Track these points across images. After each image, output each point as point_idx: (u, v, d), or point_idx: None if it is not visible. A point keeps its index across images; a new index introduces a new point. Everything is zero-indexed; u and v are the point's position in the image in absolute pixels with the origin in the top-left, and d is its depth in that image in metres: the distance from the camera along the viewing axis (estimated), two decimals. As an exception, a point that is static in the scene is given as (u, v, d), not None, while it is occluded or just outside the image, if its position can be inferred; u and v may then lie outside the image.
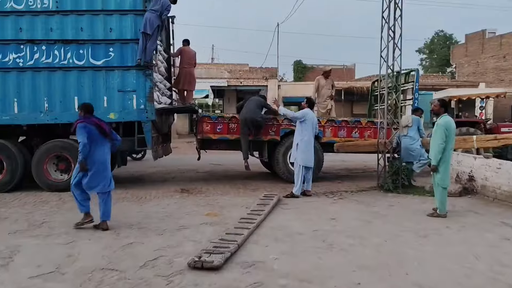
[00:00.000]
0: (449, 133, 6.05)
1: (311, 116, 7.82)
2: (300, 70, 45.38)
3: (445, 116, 6.21)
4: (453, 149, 6.23)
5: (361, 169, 12.26)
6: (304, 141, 7.72)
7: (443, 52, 46.66)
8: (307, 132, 7.73)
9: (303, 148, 7.72)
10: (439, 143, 6.04)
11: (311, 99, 8.26)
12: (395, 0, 8.10)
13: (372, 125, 9.56)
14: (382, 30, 8.20)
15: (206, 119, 9.05)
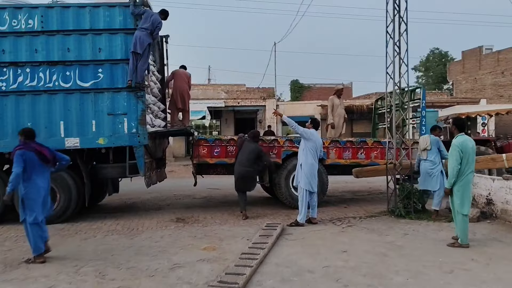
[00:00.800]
0: (466, 154, 5.54)
1: (316, 137, 7.29)
2: (297, 89, 45.24)
3: (460, 136, 5.70)
4: (473, 171, 5.67)
5: (366, 191, 11.69)
6: (308, 164, 7.17)
7: (439, 70, 46.71)
8: (311, 154, 7.20)
9: (307, 171, 7.17)
10: (454, 166, 5.55)
11: (316, 120, 7.73)
12: (399, 14, 7.68)
13: (378, 145, 9.04)
14: (387, 45, 7.76)
15: (203, 142, 8.50)
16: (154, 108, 9.02)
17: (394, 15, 7.71)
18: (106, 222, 7.75)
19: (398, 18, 7.69)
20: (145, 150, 7.91)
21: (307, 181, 7.15)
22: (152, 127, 8.49)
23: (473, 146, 5.66)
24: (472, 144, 5.66)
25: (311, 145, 7.19)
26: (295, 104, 26.44)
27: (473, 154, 5.63)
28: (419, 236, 6.32)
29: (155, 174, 8.82)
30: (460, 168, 5.54)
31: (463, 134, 5.78)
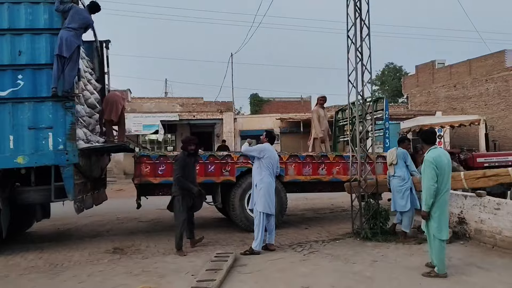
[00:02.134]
0: (441, 170, 4.84)
1: (270, 152, 6.46)
2: (256, 103, 44.78)
3: (434, 149, 5.00)
4: (449, 189, 5.00)
5: (328, 208, 10.98)
6: (264, 183, 6.32)
7: (394, 83, 47.80)
8: (267, 171, 6.36)
9: (264, 192, 6.31)
10: (430, 185, 4.81)
11: (271, 133, 6.89)
12: (361, 17, 7.07)
13: (341, 159, 8.33)
14: (349, 51, 7.12)
15: (145, 159, 7.45)
16: (89, 121, 7.92)
17: (356, 18, 7.10)
18: (27, 256, 6.51)
19: (360, 21, 7.08)
20: (76, 170, 6.79)
21: (264, 202, 6.28)
22: (86, 142, 7.38)
23: (449, 161, 4.99)
24: (448, 158, 4.99)
25: (266, 161, 6.35)
26: (253, 118, 25.77)
27: (449, 169, 4.96)
28: (389, 264, 5.57)
29: (91, 197, 7.66)
30: (436, 187, 4.85)
31: (436, 147, 5.10)
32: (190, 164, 6.58)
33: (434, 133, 5.49)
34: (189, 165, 6.52)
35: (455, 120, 9.66)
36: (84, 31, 6.91)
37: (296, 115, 24.73)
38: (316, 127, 9.59)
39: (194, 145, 6.61)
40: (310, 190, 8.80)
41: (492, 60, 28.70)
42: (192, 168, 6.70)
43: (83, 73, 7.57)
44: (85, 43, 8.78)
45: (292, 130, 24.59)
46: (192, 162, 6.67)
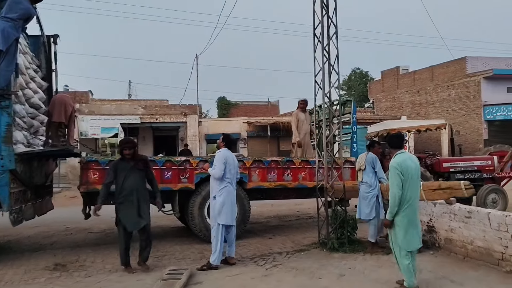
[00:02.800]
0: (408, 176, 4.44)
1: (230, 158, 5.95)
2: (224, 106, 44.34)
3: (400, 154, 4.63)
4: (417, 197, 4.63)
5: (294, 215, 10.56)
6: (223, 192, 5.80)
7: (360, 88, 48.43)
8: (227, 179, 5.84)
9: (223, 201, 5.79)
10: (395, 192, 4.43)
11: (228, 136, 6.39)
12: (328, 15, 6.69)
13: (307, 165, 7.92)
14: (315, 50, 6.72)
15: (93, 165, 6.76)
16: (31, 123, 7.17)
17: (323, 15, 6.71)
18: (-48, 276, 5.69)
19: (327, 19, 6.70)
20: (12, 177, 6.04)
21: (224, 213, 5.76)
22: (27, 146, 6.64)
23: (417, 166, 4.62)
24: (416, 164, 4.61)
25: (226, 169, 5.83)
26: (219, 121, 25.17)
27: (417, 175, 4.58)
28: (357, 277, 5.17)
29: (31, 207, 6.89)
30: (402, 194, 4.44)
31: (404, 152, 4.73)
32: (127, 170, 5.52)
33: (401, 137, 5.10)
34: (125, 171, 5.51)
35: (422, 125, 9.49)
36: (24, 22, 6.20)
37: (263, 119, 24.34)
38: (294, 131, 9.06)
39: (128, 149, 5.58)
40: (275, 197, 8.35)
41: (453, 66, 29.39)
42: (131, 174, 5.51)
43: (24, 69, 6.83)
44: (31, 37, 8.09)
45: (259, 134, 24.18)
46: (130, 167, 5.54)
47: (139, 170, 5.59)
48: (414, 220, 4.56)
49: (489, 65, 27.78)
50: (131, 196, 5.49)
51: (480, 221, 5.29)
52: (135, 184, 5.51)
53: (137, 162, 5.61)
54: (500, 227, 5.01)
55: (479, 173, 9.64)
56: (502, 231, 4.99)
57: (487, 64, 27.98)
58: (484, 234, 5.23)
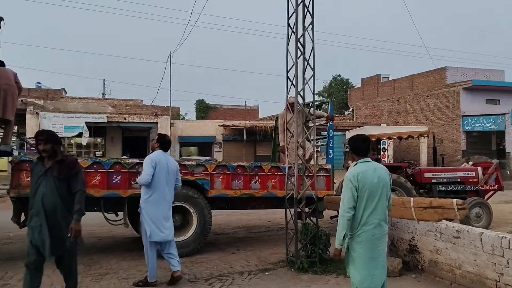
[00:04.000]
0: (364, 193, 3.41)
1: (163, 162, 5.07)
2: (202, 109, 43.55)
3: (362, 164, 3.55)
4: (383, 221, 3.48)
5: (265, 226, 9.71)
6: (151, 201, 4.96)
7: (340, 96, 48.20)
8: (159, 186, 5.00)
9: (153, 212, 4.96)
10: (343, 211, 3.42)
11: (164, 137, 5.50)
12: (304, 2, 5.92)
13: (278, 171, 7.10)
14: (289, 42, 5.92)
15: (26, 166, 5.77)
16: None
17: (298, 4, 5.93)
18: None
19: (302, 7, 5.92)
20: None
21: (155, 226, 4.95)
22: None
23: (383, 181, 3.49)
24: (382, 178, 3.49)
25: (159, 173, 4.99)
26: (194, 124, 24.22)
27: (381, 193, 3.46)
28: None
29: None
30: (355, 215, 3.42)
31: (368, 161, 3.59)
32: (40, 174, 3.87)
33: (367, 141, 3.76)
34: (38, 176, 3.89)
35: (404, 131, 8.83)
36: None
37: (240, 122, 23.54)
38: (279, 135, 7.93)
39: (44, 144, 3.87)
40: (241, 206, 7.50)
41: (433, 76, 29.26)
42: (44, 182, 3.84)
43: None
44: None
45: (235, 138, 23.37)
46: (43, 172, 3.86)
47: (56, 178, 3.83)
48: (377, 256, 3.43)
49: (468, 76, 27.76)
50: (40, 212, 3.80)
51: (471, 242, 4.56)
52: (47, 195, 3.80)
53: (53, 165, 3.86)
54: (495, 250, 4.28)
55: (462, 185, 9.01)
56: (497, 255, 4.26)
57: (467, 75, 27.94)
58: (475, 258, 4.49)
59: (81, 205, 3.90)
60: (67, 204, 3.86)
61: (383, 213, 3.48)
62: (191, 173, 6.58)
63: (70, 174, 3.91)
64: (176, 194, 6.35)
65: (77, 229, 3.83)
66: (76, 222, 3.84)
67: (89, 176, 6.05)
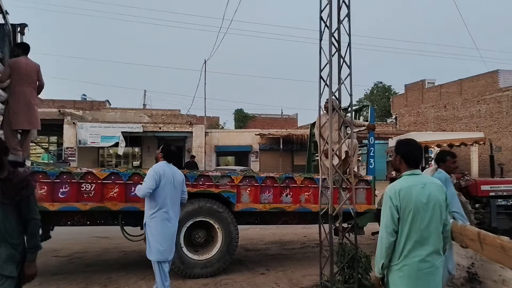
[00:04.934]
0: (407, 214, 2.68)
1: (168, 174, 4.58)
2: (241, 119, 43.40)
3: (407, 177, 2.81)
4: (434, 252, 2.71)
5: (300, 242, 8.98)
6: (155, 219, 4.50)
7: (382, 103, 46.59)
8: (165, 201, 4.52)
9: (159, 230, 4.49)
10: (383, 237, 2.75)
11: (168, 147, 4.98)
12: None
13: (312, 183, 6.41)
14: (321, 37, 5.26)
15: (40, 177, 5.43)
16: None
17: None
18: None
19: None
20: None
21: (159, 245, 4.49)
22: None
23: (435, 198, 2.73)
24: (432, 194, 2.72)
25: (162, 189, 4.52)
26: (230, 133, 23.83)
27: (431, 214, 2.70)
28: None
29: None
30: (396, 240, 2.72)
31: (415, 173, 2.82)
32: None
33: (421, 148, 2.98)
34: None
35: (457, 138, 7.85)
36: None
37: (277, 131, 22.91)
38: (317, 138, 6.79)
39: None
40: (271, 221, 6.83)
41: (484, 80, 27.44)
42: None
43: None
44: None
45: (272, 147, 22.77)
46: None
47: None
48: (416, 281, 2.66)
49: (523, 79, 25.78)
50: None
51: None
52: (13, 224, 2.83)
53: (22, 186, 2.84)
54: None
55: (525, 199, 7.88)
56: None
57: (521, 78, 25.97)
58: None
59: (36, 239, 2.91)
60: (14, 238, 2.83)
61: (434, 242, 2.70)
62: (215, 185, 6.02)
63: (19, 197, 2.81)
64: (200, 208, 5.90)
65: (32, 274, 2.91)
66: (30, 263, 2.89)
67: (107, 188, 5.64)
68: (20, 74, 5.88)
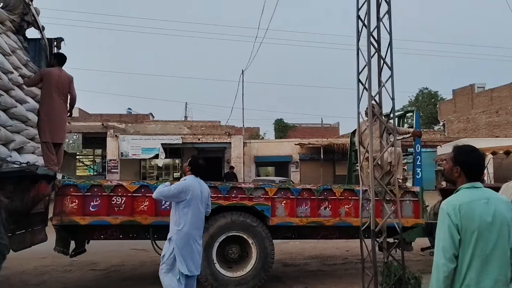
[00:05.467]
0: (469, 234, 2.19)
1: (195, 189, 4.39)
2: (281, 129, 43.14)
3: (467, 190, 2.32)
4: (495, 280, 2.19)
5: (342, 257, 8.47)
6: (182, 234, 4.30)
7: (429, 110, 44.81)
8: (193, 216, 4.35)
9: (185, 246, 4.30)
10: (439, 262, 2.21)
11: (196, 160, 4.74)
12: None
13: (352, 195, 5.96)
14: (359, 38, 4.87)
15: (71, 190, 5.35)
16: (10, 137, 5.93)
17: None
18: None
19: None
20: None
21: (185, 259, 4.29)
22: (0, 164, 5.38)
23: (501, 216, 2.22)
24: (497, 211, 2.22)
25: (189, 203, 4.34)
26: (270, 143, 23.55)
27: (498, 235, 2.20)
28: None
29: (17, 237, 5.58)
30: (456, 268, 2.21)
31: (476, 186, 2.34)
32: None
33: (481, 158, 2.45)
34: None
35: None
36: None
37: (317, 141, 22.39)
38: (357, 145, 6.20)
39: None
40: (310, 236, 6.44)
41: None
42: None
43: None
44: (30, 41, 7.12)
45: (312, 157, 22.25)
46: None
47: None
48: None
49: None
50: None
51: None
52: None
53: None
54: None
55: None
56: None
57: None
58: None
59: None
60: None
61: (501, 270, 2.20)
62: (248, 198, 5.71)
63: None
64: (233, 222, 5.62)
65: None
66: None
67: (137, 202, 5.49)
68: (51, 85, 5.87)
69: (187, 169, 4.59)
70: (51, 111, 5.72)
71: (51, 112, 5.72)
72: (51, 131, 5.82)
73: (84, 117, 26.27)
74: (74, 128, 17.55)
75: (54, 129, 5.82)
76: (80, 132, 17.75)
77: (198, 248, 4.42)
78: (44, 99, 5.80)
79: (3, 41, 6.02)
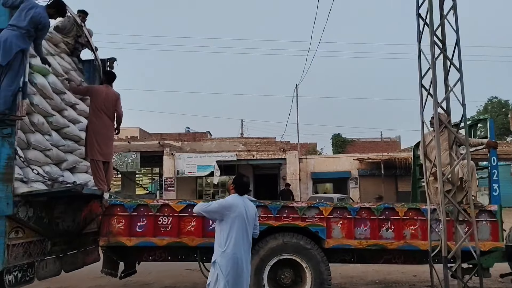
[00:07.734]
0: None
1: (240, 208, 4.09)
2: (339, 144, 42.09)
3: None
4: None
5: (408, 283, 7.68)
6: (230, 255, 4.04)
7: (499, 120, 41.65)
8: (238, 237, 4.07)
9: (230, 269, 4.04)
10: None
11: (241, 178, 4.39)
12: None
13: (418, 215, 5.31)
14: (420, 38, 4.35)
15: (118, 209, 5.22)
16: (62, 157, 5.98)
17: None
18: None
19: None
20: (14, 225, 4.77)
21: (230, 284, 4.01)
22: (49, 185, 5.41)
23: None
24: None
25: (232, 221, 4.08)
26: (327, 159, 22.82)
27: None
28: None
29: (55, 261, 5.57)
30: None
31: None
32: None
33: None
34: None
35: None
36: (37, 33, 5.08)
37: (377, 155, 21.36)
38: (421, 158, 5.62)
39: None
40: (371, 260, 5.82)
41: None
42: None
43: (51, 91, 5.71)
44: (85, 62, 7.31)
45: (372, 172, 21.23)
46: None
47: None
48: None
49: None
50: None
51: None
52: None
53: None
54: None
55: None
56: None
57: None
58: None
59: None
60: None
61: None
62: (301, 218, 5.27)
63: None
64: (285, 244, 5.22)
65: None
66: None
67: (184, 222, 5.24)
68: (97, 102, 5.88)
69: (231, 188, 4.30)
70: (98, 128, 5.72)
71: (98, 130, 5.72)
72: (98, 148, 5.80)
73: (144, 136, 27.16)
74: (133, 147, 18.14)
75: (101, 146, 5.79)
76: (138, 151, 18.28)
77: (246, 273, 4.07)
78: (91, 117, 5.84)
79: (56, 62, 6.16)
